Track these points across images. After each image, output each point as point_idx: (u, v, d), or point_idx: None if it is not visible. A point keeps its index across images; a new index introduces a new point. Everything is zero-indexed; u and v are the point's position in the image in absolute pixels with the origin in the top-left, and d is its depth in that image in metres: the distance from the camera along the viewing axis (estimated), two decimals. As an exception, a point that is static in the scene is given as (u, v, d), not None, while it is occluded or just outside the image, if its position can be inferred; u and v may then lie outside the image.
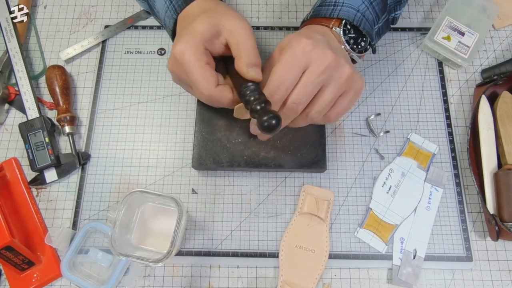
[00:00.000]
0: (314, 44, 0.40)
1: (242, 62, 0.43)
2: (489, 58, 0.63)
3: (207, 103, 0.46)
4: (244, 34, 0.43)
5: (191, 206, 0.56)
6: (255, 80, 0.43)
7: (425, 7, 0.67)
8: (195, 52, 0.43)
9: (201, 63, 0.43)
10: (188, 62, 0.43)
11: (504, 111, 0.55)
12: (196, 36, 0.43)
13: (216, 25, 0.44)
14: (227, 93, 0.44)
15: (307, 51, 0.40)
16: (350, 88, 0.43)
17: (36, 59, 0.64)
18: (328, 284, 0.52)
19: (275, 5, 0.67)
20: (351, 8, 0.48)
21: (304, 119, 0.45)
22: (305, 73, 0.41)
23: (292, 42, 0.41)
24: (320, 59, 0.40)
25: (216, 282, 0.53)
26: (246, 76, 0.43)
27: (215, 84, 0.44)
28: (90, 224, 0.54)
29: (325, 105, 0.43)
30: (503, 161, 0.54)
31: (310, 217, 0.54)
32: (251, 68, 0.43)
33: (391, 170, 0.56)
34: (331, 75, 0.41)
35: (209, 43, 0.44)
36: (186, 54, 0.42)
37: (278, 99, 0.41)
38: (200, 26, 0.43)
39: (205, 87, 0.43)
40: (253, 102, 0.40)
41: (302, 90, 0.41)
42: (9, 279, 0.52)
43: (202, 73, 0.43)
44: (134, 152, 0.58)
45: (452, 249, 0.53)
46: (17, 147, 0.59)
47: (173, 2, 0.49)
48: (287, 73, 0.40)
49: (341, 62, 0.41)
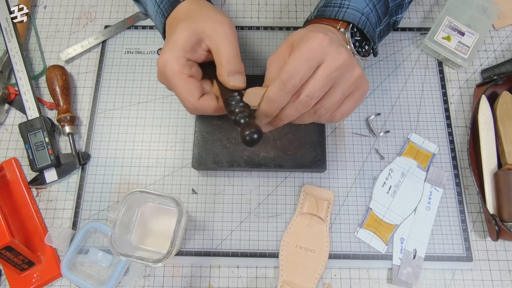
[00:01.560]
0: (331, 40, 0.40)
1: (222, 70, 0.42)
2: (489, 58, 0.63)
3: (191, 113, 0.46)
4: (224, 40, 0.43)
5: (191, 206, 0.56)
6: (237, 89, 0.42)
7: (425, 7, 0.67)
8: (177, 64, 0.42)
9: (183, 76, 0.42)
10: (171, 75, 0.42)
11: (504, 111, 0.55)
12: (177, 48, 0.42)
13: (196, 32, 0.43)
14: (211, 103, 0.44)
15: (323, 45, 0.40)
16: (357, 89, 0.43)
17: (36, 59, 0.64)
18: (328, 284, 0.52)
19: (275, 5, 0.67)
20: (356, 11, 0.48)
21: (311, 116, 0.44)
22: (320, 67, 0.40)
23: (309, 35, 0.41)
24: (335, 55, 0.40)
25: (216, 282, 0.53)
26: (227, 85, 0.42)
27: (198, 96, 0.43)
28: (90, 224, 0.54)
29: (335, 103, 0.42)
30: (503, 161, 0.54)
31: (310, 217, 0.54)
32: (233, 77, 0.42)
33: (391, 170, 0.56)
34: (344, 73, 0.41)
35: (190, 53, 0.43)
36: (168, 67, 0.42)
37: (290, 88, 0.40)
38: (181, 38, 0.43)
39: (188, 100, 0.43)
40: (237, 114, 0.40)
41: (316, 84, 0.40)
42: (9, 279, 0.52)
43: (185, 86, 0.42)
44: (134, 152, 0.58)
45: (452, 249, 0.53)
46: (17, 147, 0.59)
47: (161, 6, 0.48)
48: (303, 64, 0.39)
49: (354, 62, 0.41)
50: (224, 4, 0.67)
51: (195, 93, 0.43)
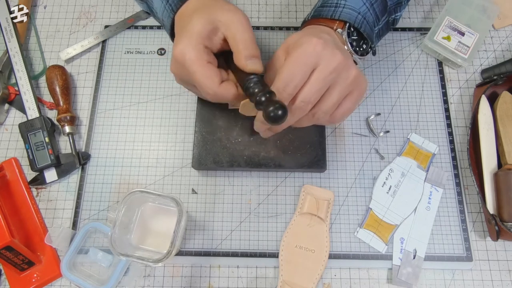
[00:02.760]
0: (325, 44, 0.40)
1: (240, 55, 0.43)
2: (489, 58, 0.63)
3: (212, 100, 0.46)
4: (240, 27, 0.43)
5: (191, 206, 0.56)
6: (255, 72, 0.43)
7: (425, 7, 0.67)
8: (195, 52, 0.42)
9: (202, 62, 0.43)
10: (190, 63, 0.42)
11: (504, 111, 0.55)
12: (194, 36, 0.43)
13: (212, 21, 0.43)
14: (231, 89, 0.44)
15: (317, 50, 0.40)
16: (355, 89, 0.43)
17: (36, 59, 0.64)
18: (328, 284, 0.52)
19: (275, 5, 0.67)
20: (352, 10, 0.48)
21: (310, 119, 0.44)
22: (314, 71, 0.40)
23: (302, 40, 0.41)
24: (330, 59, 0.40)
25: (216, 282, 0.53)
26: (246, 69, 0.43)
27: (219, 81, 0.43)
28: (90, 224, 0.54)
29: (332, 105, 0.43)
30: (503, 161, 0.54)
31: (310, 217, 0.54)
32: (250, 60, 0.43)
33: (391, 170, 0.56)
34: (340, 75, 0.41)
35: (207, 41, 0.44)
36: (186, 55, 0.42)
37: (287, 96, 0.41)
38: (197, 25, 0.43)
39: (209, 86, 0.43)
40: (257, 94, 0.39)
41: (311, 88, 0.41)
42: (9, 279, 0.52)
43: (205, 72, 0.43)
44: (134, 152, 0.58)
45: (452, 249, 0.53)
46: (17, 147, 0.59)
47: (170, 1, 0.48)
48: (297, 70, 0.40)
49: (349, 63, 0.42)
50: (224, 4, 0.67)
51: (215, 80, 0.43)
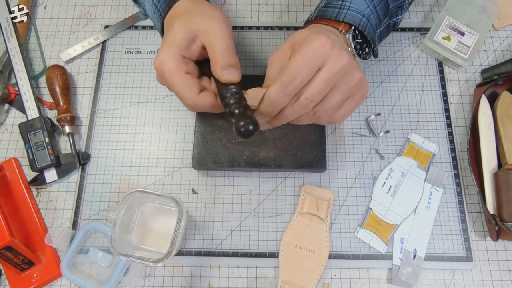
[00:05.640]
0: (333, 43, 0.40)
1: (216, 65, 0.42)
2: (489, 58, 0.63)
3: (193, 110, 0.46)
4: (217, 35, 0.42)
5: (191, 206, 0.56)
6: (231, 82, 0.42)
7: (425, 7, 0.67)
8: (174, 62, 0.42)
9: (180, 73, 0.42)
10: (168, 73, 0.42)
11: (504, 111, 0.55)
12: (173, 46, 0.43)
13: (191, 30, 0.43)
14: (209, 99, 0.44)
15: (325, 49, 0.40)
16: (357, 92, 0.43)
17: (36, 59, 0.64)
18: (328, 284, 0.52)
19: (275, 5, 0.67)
20: (356, 13, 0.48)
21: (310, 117, 0.44)
22: (321, 70, 0.40)
23: (311, 37, 0.40)
24: (337, 59, 0.40)
25: (216, 282, 0.53)
26: (221, 80, 0.42)
27: (197, 91, 0.43)
28: (90, 224, 0.54)
29: (334, 106, 0.43)
30: (503, 161, 0.54)
31: (310, 217, 0.54)
32: (226, 70, 0.42)
33: (391, 170, 0.56)
34: (344, 77, 0.41)
35: (186, 51, 0.43)
36: (165, 66, 0.42)
37: (291, 90, 0.40)
38: (176, 34, 0.43)
39: (187, 96, 0.43)
40: (232, 105, 0.39)
41: (317, 87, 0.40)
42: (9, 279, 0.52)
43: (183, 83, 0.42)
44: (134, 152, 0.58)
45: (452, 249, 0.53)
46: (17, 147, 0.59)
47: (158, 6, 0.49)
48: (304, 66, 0.39)
49: (354, 66, 0.42)
50: (224, 4, 0.67)
51: (194, 89, 0.43)
